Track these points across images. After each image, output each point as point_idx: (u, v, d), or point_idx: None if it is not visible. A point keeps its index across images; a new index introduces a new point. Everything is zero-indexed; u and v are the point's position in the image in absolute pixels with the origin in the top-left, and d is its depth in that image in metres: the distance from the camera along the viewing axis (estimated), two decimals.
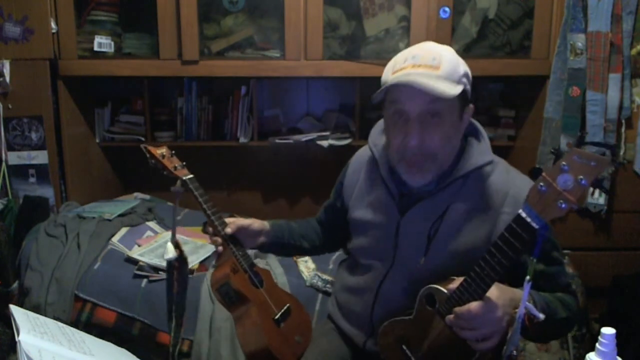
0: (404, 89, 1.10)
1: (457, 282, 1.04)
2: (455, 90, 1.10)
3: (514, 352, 0.99)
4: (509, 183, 1.18)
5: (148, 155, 1.41)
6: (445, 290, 1.06)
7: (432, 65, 1.10)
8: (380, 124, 1.36)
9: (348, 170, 1.43)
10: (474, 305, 0.98)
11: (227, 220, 1.35)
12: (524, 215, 0.91)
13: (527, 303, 0.97)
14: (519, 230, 0.92)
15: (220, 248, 1.33)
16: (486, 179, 1.20)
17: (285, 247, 1.45)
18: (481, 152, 1.21)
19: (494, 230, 1.15)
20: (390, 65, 1.17)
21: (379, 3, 2.38)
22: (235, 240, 1.34)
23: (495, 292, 1.00)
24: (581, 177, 0.84)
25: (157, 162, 1.40)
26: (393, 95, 1.14)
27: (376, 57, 2.41)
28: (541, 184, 0.89)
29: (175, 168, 1.40)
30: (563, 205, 0.86)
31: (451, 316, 1.02)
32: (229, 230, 1.32)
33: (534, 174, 0.93)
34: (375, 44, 2.43)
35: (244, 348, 1.32)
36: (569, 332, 1.27)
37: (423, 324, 1.12)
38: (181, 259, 1.39)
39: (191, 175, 1.39)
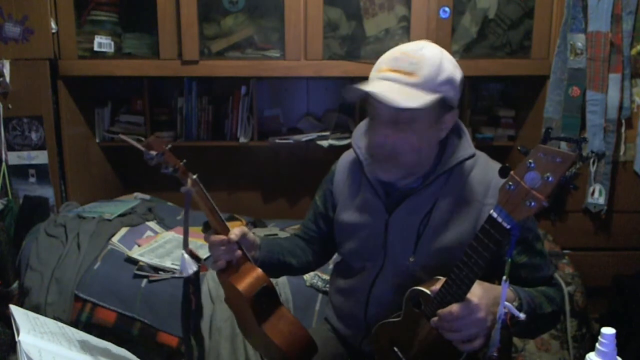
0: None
1: (440, 283, 1.03)
2: (423, 100, 1.09)
3: (495, 354, 0.98)
4: (490, 174, 1.20)
5: (153, 152, 1.13)
6: (428, 292, 1.06)
7: (408, 72, 1.11)
8: (362, 125, 1.37)
9: (335, 176, 1.40)
10: (455, 307, 0.98)
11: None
12: (495, 215, 0.91)
13: (506, 303, 0.96)
14: (492, 231, 0.92)
15: (239, 252, 1.19)
16: (469, 172, 1.22)
17: (274, 266, 1.34)
18: (463, 147, 1.23)
19: (479, 222, 1.16)
20: (377, 63, 1.19)
21: (379, 3, 2.38)
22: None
23: (477, 292, 1.00)
24: (548, 174, 0.83)
25: (163, 157, 1.13)
26: (369, 97, 1.16)
27: (376, 57, 2.34)
28: (510, 183, 0.88)
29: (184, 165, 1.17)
30: (532, 204, 0.85)
31: (435, 318, 1.02)
32: (233, 236, 1.19)
33: (504, 172, 0.92)
34: (375, 44, 2.43)
35: (289, 352, 1.18)
36: (555, 326, 1.27)
37: (411, 325, 1.12)
38: (198, 270, 1.20)
39: (196, 175, 1.18)
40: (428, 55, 1.12)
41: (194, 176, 1.16)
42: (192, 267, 1.20)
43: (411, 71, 1.10)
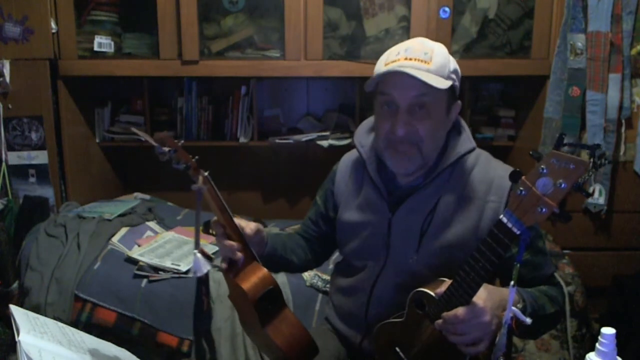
0: (396, 80, 1.14)
1: (445, 285, 1.03)
2: (444, 84, 1.14)
3: (501, 358, 0.98)
4: (493, 172, 1.21)
5: (165, 148, 1.10)
6: (433, 294, 1.05)
7: (423, 60, 1.14)
8: (365, 124, 1.38)
9: (337, 176, 1.41)
10: (460, 310, 0.98)
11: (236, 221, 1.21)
12: (504, 220, 0.90)
13: (513, 308, 0.96)
14: (500, 235, 0.91)
15: (240, 255, 1.17)
16: (471, 170, 1.23)
17: (276, 262, 1.34)
18: (463, 141, 1.24)
19: (481, 220, 1.18)
20: (383, 57, 1.21)
21: (379, 3, 2.38)
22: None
23: (483, 295, 1.00)
24: (560, 180, 0.82)
25: (176, 154, 1.11)
26: (384, 86, 1.18)
27: (376, 57, 2.36)
28: (521, 188, 0.88)
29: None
30: (543, 210, 0.85)
31: (439, 321, 1.02)
32: (249, 230, 1.20)
33: (514, 177, 0.91)
34: (375, 44, 2.43)
35: (290, 354, 1.18)
36: (556, 325, 1.27)
37: (414, 326, 1.11)
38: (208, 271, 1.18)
39: (207, 172, 1.16)
40: (436, 47, 1.18)
41: (206, 173, 1.15)
42: (206, 267, 1.18)
43: (426, 59, 1.14)
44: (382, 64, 1.18)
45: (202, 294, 1.27)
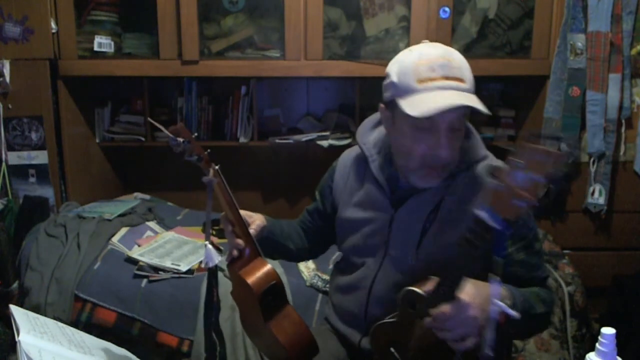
0: (438, 101, 1.08)
1: (433, 282, 1.04)
2: (482, 104, 1.09)
3: (490, 353, 0.98)
4: None
5: (180, 139, 1.14)
6: (422, 292, 1.06)
7: (459, 78, 1.09)
8: (367, 122, 1.38)
9: (336, 173, 1.41)
10: (446, 306, 0.99)
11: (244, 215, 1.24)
12: (482, 215, 0.90)
13: (498, 301, 0.97)
14: (479, 231, 0.91)
15: (245, 250, 1.20)
16: (474, 170, 1.22)
17: (273, 246, 1.37)
18: (473, 148, 1.24)
19: None
20: (408, 68, 1.12)
21: (379, 3, 2.38)
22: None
23: (470, 291, 1.00)
24: (534, 172, 0.83)
25: (190, 145, 1.15)
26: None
27: (376, 57, 2.41)
28: (497, 182, 0.88)
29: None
30: (520, 203, 0.85)
31: (429, 318, 1.03)
32: (252, 231, 1.24)
33: (490, 171, 0.91)
34: (375, 44, 2.43)
35: (291, 352, 1.18)
36: (545, 328, 1.28)
37: (407, 325, 1.12)
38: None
39: (218, 165, 1.19)
40: (460, 58, 1.14)
41: (217, 167, 1.17)
42: (217, 258, 1.20)
43: (460, 77, 1.10)
44: (413, 79, 1.10)
45: (212, 286, 1.29)
